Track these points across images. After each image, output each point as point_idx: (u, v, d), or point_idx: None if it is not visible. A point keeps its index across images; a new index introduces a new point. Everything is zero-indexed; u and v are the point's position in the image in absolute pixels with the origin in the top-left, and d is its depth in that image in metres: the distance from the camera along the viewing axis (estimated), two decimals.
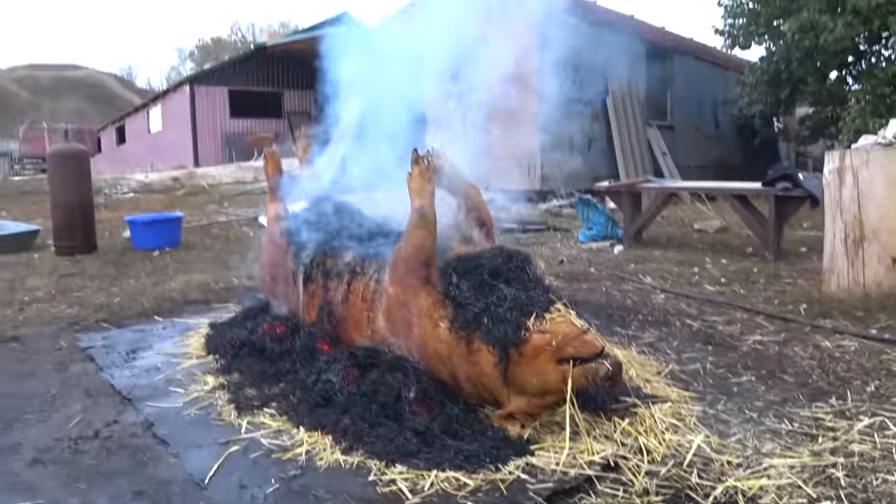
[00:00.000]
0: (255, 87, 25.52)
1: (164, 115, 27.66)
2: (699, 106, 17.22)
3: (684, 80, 16.54)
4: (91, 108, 57.71)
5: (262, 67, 25.62)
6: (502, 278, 2.66)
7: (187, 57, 68.50)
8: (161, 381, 3.39)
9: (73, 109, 55.89)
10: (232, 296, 5.45)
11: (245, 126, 24.87)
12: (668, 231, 8.95)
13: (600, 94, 13.70)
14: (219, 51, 62.58)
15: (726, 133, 18.26)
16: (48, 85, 59.87)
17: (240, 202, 14.05)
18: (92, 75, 64.35)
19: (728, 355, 3.68)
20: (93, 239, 8.31)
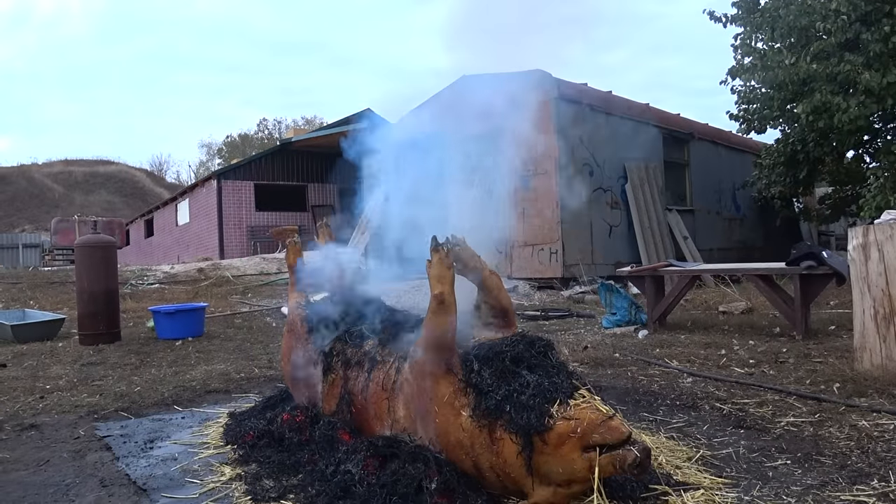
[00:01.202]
0: (280, 181, 26.15)
1: (191, 208, 28.28)
2: (718, 189, 17.35)
3: (702, 164, 16.73)
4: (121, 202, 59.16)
5: (287, 162, 26.32)
6: (524, 365, 2.62)
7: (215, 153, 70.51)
8: (177, 472, 3.34)
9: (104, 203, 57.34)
10: (252, 386, 5.44)
11: (270, 219, 25.34)
12: (692, 315, 8.84)
13: (620, 180, 13.85)
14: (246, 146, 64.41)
15: (747, 215, 18.32)
16: (81, 179, 61.62)
17: (263, 293, 14.14)
18: (123, 170, 66.20)
19: (761, 438, 3.56)
20: (117, 328, 8.40)
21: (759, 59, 12.29)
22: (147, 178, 67.18)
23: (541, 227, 12.78)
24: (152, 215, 35.02)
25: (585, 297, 11.02)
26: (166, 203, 32.99)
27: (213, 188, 25.32)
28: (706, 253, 15.09)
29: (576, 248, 12.73)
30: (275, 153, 27.13)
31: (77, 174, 62.33)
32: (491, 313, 2.94)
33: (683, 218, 15.16)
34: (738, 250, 17.32)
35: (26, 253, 38.66)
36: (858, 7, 10.34)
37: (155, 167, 73.77)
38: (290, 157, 26.37)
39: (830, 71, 10.71)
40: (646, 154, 14.62)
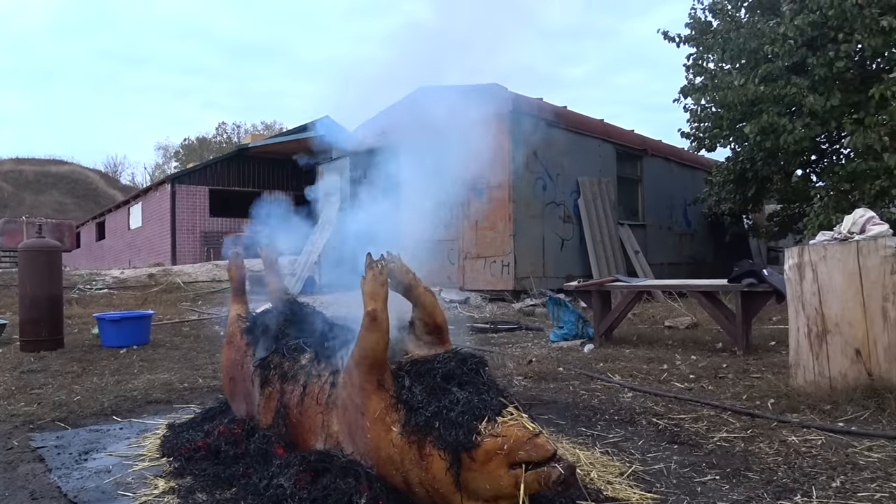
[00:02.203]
0: (236, 186, 25.89)
1: (144, 212, 27.86)
2: (670, 205, 17.67)
3: (654, 180, 17.04)
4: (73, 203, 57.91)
5: (244, 168, 26.10)
6: (455, 382, 2.65)
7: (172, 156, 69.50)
8: (110, 485, 3.30)
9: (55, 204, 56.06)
10: (195, 396, 5.38)
11: (224, 225, 25.09)
12: (639, 329, 8.98)
13: (573, 195, 14.03)
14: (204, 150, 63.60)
15: (698, 230, 18.68)
16: (32, 179, 60.19)
17: (214, 300, 13.99)
18: (76, 171, 64.82)
19: (693, 454, 3.64)
20: (60, 335, 8.23)
21: (710, 79, 12.60)
22: (101, 179, 65.90)
23: (493, 240, 12.88)
24: (104, 218, 34.41)
25: (536, 310, 11.12)
26: (119, 206, 32.46)
27: (167, 192, 24.99)
28: (657, 267, 15.35)
29: (528, 260, 12.84)
30: (231, 158, 26.89)
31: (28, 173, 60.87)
32: (425, 330, 2.97)
33: (635, 232, 15.40)
34: (688, 265, 17.65)
35: None
36: (805, 32, 10.66)
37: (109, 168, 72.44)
38: (247, 162, 26.16)
39: (777, 93, 11.02)
40: (599, 169, 14.83)
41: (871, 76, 10.96)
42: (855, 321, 4.62)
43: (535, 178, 13.19)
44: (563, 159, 13.76)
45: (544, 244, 13.31)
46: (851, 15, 10.21)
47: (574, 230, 14.01)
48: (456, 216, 12.79)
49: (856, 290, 4.61)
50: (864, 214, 5.02)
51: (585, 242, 13.83)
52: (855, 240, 4.77)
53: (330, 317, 3.66)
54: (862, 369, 4.55)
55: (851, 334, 4.63)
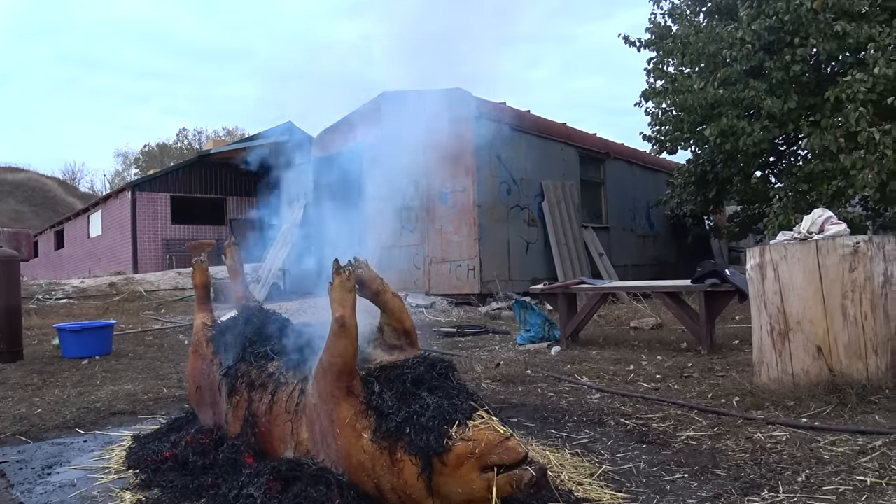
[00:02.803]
0: (198, 193, 25.60)
1: (104, 220, 27.38)
2: (633, 207, 17.88)
3: (617, 182, 17.22)
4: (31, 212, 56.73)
5: (205, 174, 25.81)
6: (425, 386, 2.65)
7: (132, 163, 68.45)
8: (75, 499, 3.23)
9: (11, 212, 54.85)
10: (160, 406, 5.31)
11: (186, 232, 24.77)
12: (605, 330, 9.06)
13: (537, 198, 14.11)
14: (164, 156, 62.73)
15: (660, 232, 18.92)
16: None
17: (177, 309, 13.81)
18: (33, 178, 63.53)
19: (662, 453, 3.68)
20: (19, 346, 8.08)
21: (671, 83, 12.76)
22: (59, 186, 64.64)
23: (458, 244, 12.90)
24: (63, 226, 33.75)
25: (502, 314, 11.16)
26: (78, 214, 31.87)
27: (127, 200, 24.60)
28: (621, 269, 15.51)
29: (493, 264, 12.89)
30: (193, 165, 26.56)
31: None
32: (394, 335, 2.96)
33: (599, 235, 15.54)
34: (651, 266, 17.86)
35: None
36: (762, 37, 10.85)
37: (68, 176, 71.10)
38: (209, 169, 25.86)
39: (736, 96, 11.20)
40: (562, 172, 14.94)
41: (827, 79, 11.20)
42: (816, 319, 4.71)
43: (499, 182, 13.24)
44: (526, 163, 13.84)
45: (509, 248, 13.37)
46: (807, 20, 10.43)
47: (539, 233, 14.09)
48: (420, 220, 12.80)
49: (816, 288, 4.70)
50: (822, 214, 5.13)
51: (550, 245, 13.92)
52: (814, 239, 4.87)
53: (297, 324, 3.63)
54: (823, 366, 4.64)
55: (813, 332, 4.72)
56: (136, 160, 67.92)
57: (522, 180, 13.79)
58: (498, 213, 13.17)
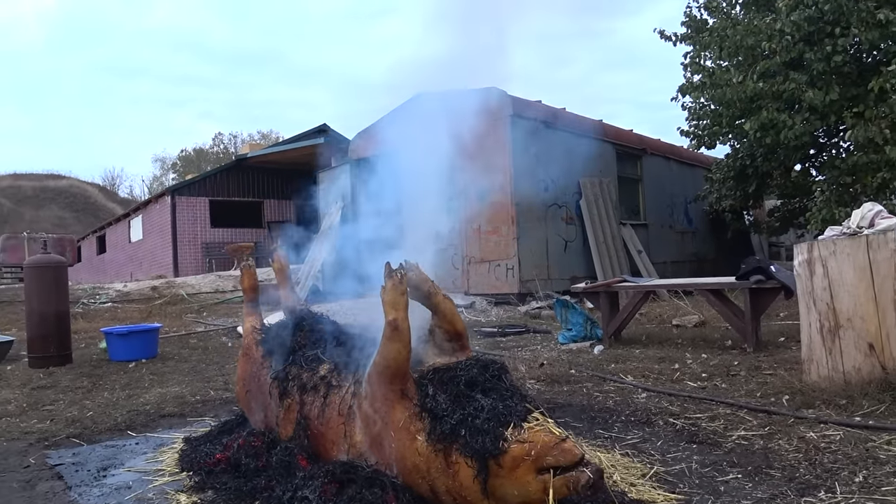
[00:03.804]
0: (236, 197, 25.93)
1: (144, 225, 27.86)
2: (671, 203, 17.70)
3: (655, 178, 17.06)
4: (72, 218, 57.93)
5: (243, 178, 26.13)
6: (479, 388, 2.65)
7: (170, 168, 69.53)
8: (131, 501, 3.28)
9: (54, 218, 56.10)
10: (208, 409, 5.37)
11: (225, 235, 25.10)
12: (647, 329, 8.98)
13: (574, 196, 14.04)
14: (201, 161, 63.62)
15: (699, 228, 18.70)
16: (31, 194, 60.24)
17: (219, 311, 13.99)
18: (74, 185, 64.85)
19: (713, 453, 3.63)
20: (68, 350, 8.24)
21: (708, 77, 12.61)
22: (99, 192, 65.91)
23: (497, 243, 12.87)
24: (104, 231, 34.40)
25: (542, 313, 11.12)
26: (119, 219, 32.46)
27: (167, 204, 24.99)
28: (660, 266, 15.36)
29: (532, 263, 12.85)
30: (230, 169, 26.90)
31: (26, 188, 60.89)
32: (445, 337, 2.96)
33: (637, 232, 15.41)
34: (690, 263, 17.67)
35: None
36: (802, 28, 10.67)
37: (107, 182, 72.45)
38: (246, 172, 26.19)
39: (776, 89, 11.04)
40: (599, 169, 14.84)
41: (870, 69, 10.98)
42: (867, 315, 4.62)
43: (536, 181, 13.20)
44: (563, 161, 13.76)
45: (548, 246, 13.31)
46: (847, 9, 10.24)
47: (577, 231, 14.02)
48: (459, 221, 12.80)
49: (867, 284, 4.61)
50: (872, 208, 5.03)
51: (588, 243, 13.84)
52: (864, 234, 4.78)
53: (346, 326, 3.65)
54: (876, 363, 4.55)
55: (864, 328, 4.63)
56: (174, 165, 69.00)
57: (559, 178, 13.73)
58: (536, 212, 13.12)
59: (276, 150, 25.49)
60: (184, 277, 20.06)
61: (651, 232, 16.44)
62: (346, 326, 3.64)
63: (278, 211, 26.54)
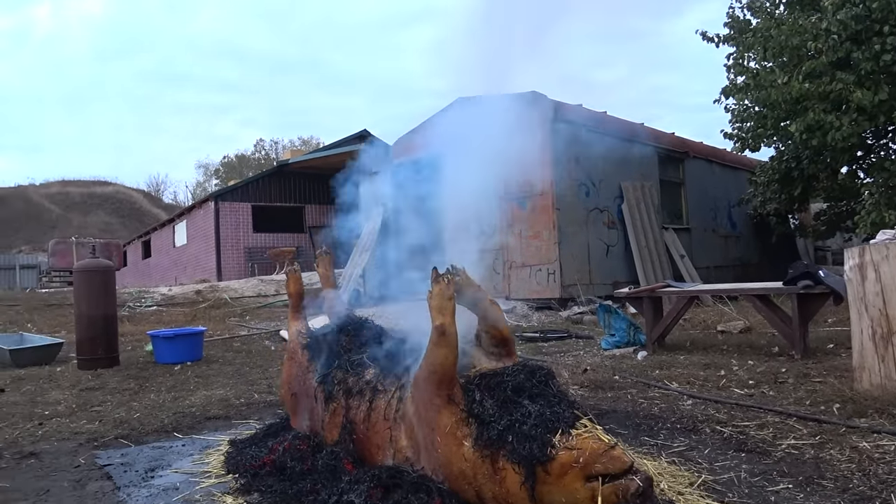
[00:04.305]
0: (278, 202, 26.25)
1: (188, 230, 28.31)
2: (714, 207, 17.45)
3: (697, 182, 16.84)
4: (118, 223, 59.09)
5: (284, 183, 26.45)
6: (526, 394, 2.63)
7: (213, 174, 70.62)
8: (179, 502, 3.32)
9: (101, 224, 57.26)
10: (253, 412, 5.42)
11: (267, 240, 25.41)
12: (691, 334, 8.85)
13: (616, 200, 13.93)
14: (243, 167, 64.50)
15: (743, 232, 18.40)
16: (79, 200, 61.60)
17: (261, 315, 14.14)
18: (120, 191, 66.17)
19: (762, 462, 3.56)
20: (115, 352, 8.40)
21: (752, 78, 12.40)
22: (144, 198, 67.17)
23: (538, 248, 12.81)
24: (150, 236, 35.03)
25: (584, 318, 11.03)
26: (164, 224, 33.04)
27: (210, 210, 25.38)
28: (703, 271, 15.14)
29: (573, 268, 12.76)
30: (272, 174, 27.24)
31: (74, 195, 62.32)
32: (491, 343, 2.96)
33: (680, 236, 15.22)
34: (734, 267, 17.39)
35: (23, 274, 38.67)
36: (849, 27, 10.44)
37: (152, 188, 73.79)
38: (288, 178, 26.49)
39: (823, 90, 10.81)
40: (641, 173, 14.70)
41: None
42: None
43: (577, 185, 13.11)
44: (604, 165, 13.66)
45: (589, 251, 13.21)
46: None
47: (619, 236, 13.90)
48: (500, 225, 12.76)
49: None
50: None
51: (630, 248, 13.71)
52: None
53: (391, 330, 3.66)
54: None
55: None
56: (217, 171, 70.08)
57: (601, 182, 13.62)
58: (577, 216, 13.03)
59: (318, 155, 25.74)
60: (227, 281, 20.34)
61: (694, 236, 16.22)
62: (390, 331, 3.65)
63: (319, 216, 26.78)
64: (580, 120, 13.24)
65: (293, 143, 66.19)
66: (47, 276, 34.50)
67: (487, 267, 12.99)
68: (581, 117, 13.33)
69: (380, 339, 3.53)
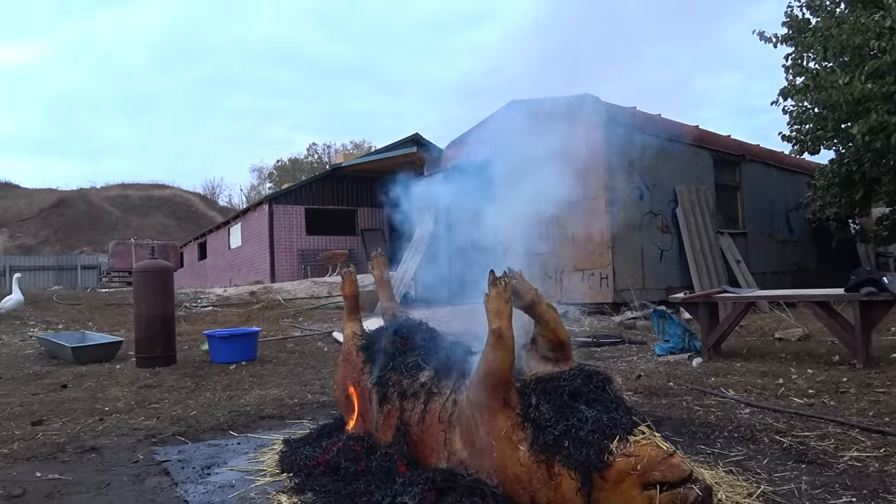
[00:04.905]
0: (330, 205, 26.53)
1: (243, 232, 28.79)
2: (771, 211, 17.07)
3: (754, 186, 16.49)
4: (175, 225, 60.38)
5: (337, 186, 26.72)
6: (583, 399, 2.61)
7: (266, 177, 71.68)
8: (235, 500, 3.36)
9: (158, 226, 58.60)
10: (306, 412, 5.48)
11: (320, 243, 25.70)
12: (747, 341, 8.66)
13: (670, 204, 13.73)
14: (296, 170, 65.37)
15: (801, 237, 17.96)
16: (137, 203, 63.14)
17: (314, 317, 14.29)
18: (177, 194, 67.63)
19: (824, 474, 3.46)
20: (172, 351, 8.59)
21: (812, 79, 12.09)
22: (200, 201, 68.52)
23: (591, 252, 12.69)
24: (205, 238, 35.70)
25: (637, 323, 10.88)
26: (219, 227, 33.63)
27: (264, 212, 25.77)
28: (759, 276, 14.82)
29: (626, 272, 12.61)
30: (325, 178, 27.55)
31: (133, 198, 63.94)
32: (548, 346, 2.93)
33: (736, 241, 14.92)
34: (792, 273, 16.97)
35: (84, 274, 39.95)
36: None
37: (207, 191, 75.20)
38: (340, 181, 26.77)
39: (886, 90, 10.48)
40: (696, 176, 14.46)
41: None
42: None
43: (631, 188, 12.96)
44: (659, 168, 13.47)
45: (643, 255, 13.04)
46: None
47: (673, 240, 13.69)
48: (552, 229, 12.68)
49: None
50: None
51: (685, 252, 13.48)
52: None
53: (446, 333, 3.66)
54: None
55: None
56: (270, 174, 71.11)
57: (655, 186, 13.44)
58: (631, 220, 12.87)
59: (370, 158, 25.96)
60: (280, 283, 20.61)
61: (750, 241, 15.88)
62: (445, 333, 3.66)
63: (371, 219, 27.00)
64: (634, 122, 13.09)
65: (345, 146, 66.84)
66: (107, 277, 35.50)
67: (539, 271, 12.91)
68: (635, 119, 13.18)
69: (434, 341, 3.53)
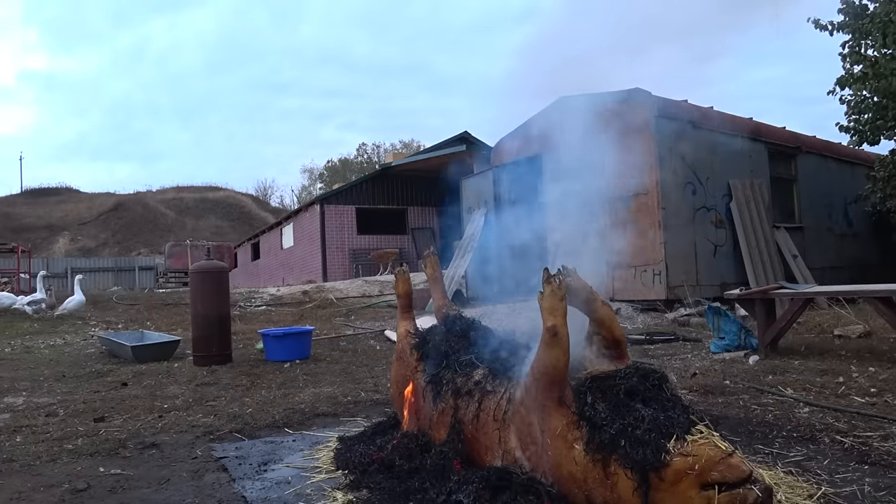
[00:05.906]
0: (381, 204, 26.75)
1: (295, 233, 29.20)
2: (829, 204, 16.62)
3: (810, 178, 16.08)
4: (229, 226, 61.54)
5: (387, 186, 26.93)
6: (639, 398, 2.58)
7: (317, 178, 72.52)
8: (291, 496, 3.41)
9: (212, 227, 59.82)
10: (360, 409, 5.52)
11: (371, 242, 25.92)
12: (805, 338, 8.46)
13: (724, 198, 13.47)
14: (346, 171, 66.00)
15: (861, 231, 17.45)
16: (192, 205, 64.55)
17: (366, 315, 14.40)
18: (230, 196, 68.93)
19: (888, 476, 3.36)
20: (228, 350, 8.73)
21: (870, 67, 11.77)
22: (253, 202, 69.70)
23: (643, 248, 12.52)
24: (258, 239, 36.31)
25: (691, 320, 10.72)
26: (272, 227, 34.17)
27: (316, 213, 26.10)
28: (817, 272, 14.44)
29: (680, 269, 12.42)
30: (375, 177, 27.78)
31: (188, 200, 65.37)
32: (603, 344, 2.92)
33: (792, 235, 14.57)
34: (851, 268, 16.50)
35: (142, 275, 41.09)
36: None
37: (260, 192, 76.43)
38: (390, 180, 26.96)
39: None
40: (750, 170, 14.17)
41: None
42: None
43: (683, 183, 12.76)
44: (711, 162, 13.24)
45: (696, 251, 12.83)
46: None
47: (727, 235, 13.43)
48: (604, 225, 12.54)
49: None
50: None
51: (739, 248, 13.22)
52: None
53: (500, 331, 3.66)
54: None
55: None
56: (321, 175, 71.94)
57: (708, 180, 13.20)
58: (683, 216, 12.68)
59: (419, 158, 26.08)
60: (332, 282, 20.83)
61: (807, 235, 15.49)
62: (498, 331, 3.65)
63: (421, 218, 27.13)
64: (685, 116, 12.89)
65: (394, 146, 67.22)
66: (164, 277, 36.33)
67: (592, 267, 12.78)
68: (686, 113, 12.98)
69: (488, 339, 3.54)
